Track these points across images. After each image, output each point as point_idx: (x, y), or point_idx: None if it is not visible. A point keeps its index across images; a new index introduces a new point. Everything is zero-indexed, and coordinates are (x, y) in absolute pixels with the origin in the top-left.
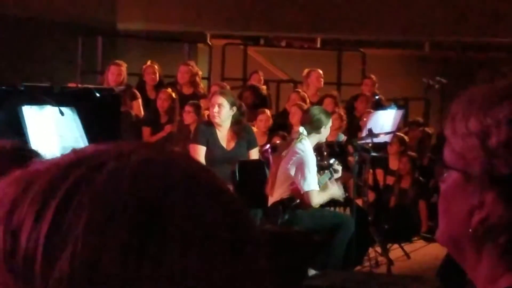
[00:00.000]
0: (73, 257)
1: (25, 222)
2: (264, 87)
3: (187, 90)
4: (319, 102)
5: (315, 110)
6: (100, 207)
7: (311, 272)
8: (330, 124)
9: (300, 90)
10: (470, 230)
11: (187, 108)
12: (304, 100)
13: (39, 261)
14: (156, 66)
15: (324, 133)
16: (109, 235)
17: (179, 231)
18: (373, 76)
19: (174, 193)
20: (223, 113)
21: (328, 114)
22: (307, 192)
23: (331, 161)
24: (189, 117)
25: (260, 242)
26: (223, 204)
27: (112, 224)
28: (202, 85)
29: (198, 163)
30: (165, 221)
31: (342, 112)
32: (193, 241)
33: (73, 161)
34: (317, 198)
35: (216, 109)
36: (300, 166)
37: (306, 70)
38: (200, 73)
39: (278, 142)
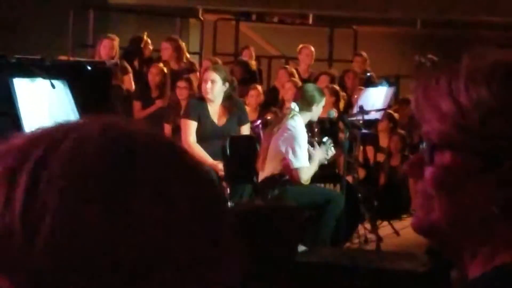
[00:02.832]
0: (52, 230)
1: None
2: (254, 62)
3: (174, 65)
4: (315, 79)
5: (310, 87)
6: (70, 177)
7: (300, 248)
8: (323, 103)
9: (287, 66)
10: (495, 208)
11: (181, 83)
12: (292, 76)
13: (19, 236)
14: (149, 40)
15: (316, 111)
16: (84, 203)
17: (150, 193)
18: (364, 53)
19: (139, 154)
20: (215, 89)
21: (322, 93)
22: (297, 169)
23: (324, 139)
24: (182, 92)
25: (225, 210)
26: (184, 160)
27: (86, 190)
28: (195, 60)
29: (153, 128)
30: (135, 183)
31: (337, 87)
32: (163, 199)
33: (30, 141)
34: (307, 174)
35: (209, 85)
36: (291, 143)
37: (300, 46)
38: (183, 45)
39: (269, 118)
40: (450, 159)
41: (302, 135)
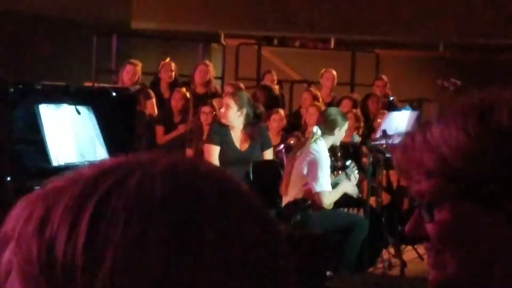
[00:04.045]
0: (114, 265)
1: (58, 234)
2: (276, 87)
3: (200, 90)
4: (337, 103)
5: (332, 110)
6: (135, 213)
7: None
8: (346, 127)
9: (312, 89)
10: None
11: (205, 109)
12: (317, 99)
13: (79, 272)
14: (173, 64)
15: (339, 136)
16: (147, 240)
17: (215, 234)
18: (384, 77)
19: (205, 196)
20: (229, 115)
21: (345, 117)
22: (318, 193)
23: (347, 163)
24: (207, 118)
25: (286, 244)
26: (250, 206)
27: (150, 230)
28: (216, 84)
29: (219, 167)
30: (200, 224)
31: (359, 113)
32: (228, 241)
33: (98, 173)
34: (329, 199)
35: (223, 110)
36: (313, 167)
37: (322, 70)
38: (213, 73)
39: (292, 142)
40: (450, 211)
41: (324, 159)
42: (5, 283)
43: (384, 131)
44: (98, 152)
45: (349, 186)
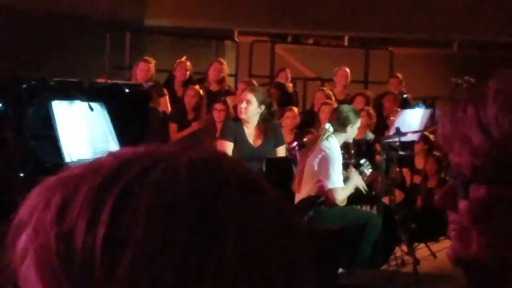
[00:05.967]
0: (134, 259)
1: (77, 225)
2: (290, 84)
3: (214, 87)
4: (350, 100)
5: (345, 107)
6: (157, 207)
7: (339, 270)
8: (358, 124)
9: (325, 88)
10: None
11: (218, 106)
12: (329, 98)
13: (98, 265)
14: (188, 63)
15: (351, 133)
16: (169, 235)
17: (236, 231)
18: (399, 75)
19: (228, 191)
20: (250, 110)
21: (358, 114)
22: (331, 190)
23: (362, 161)
24: (220, 115)
25: (306, 239)
26: (271, 202)
27: (172, 225)
28: (229, 82)
29: (241, 162)
30: (223, 220)
31: (371, 110)
32: (249, 237)
33: (119, 164)
34: (342, 195)
35: (243, 105)
36: (325, 164)
37: (335, 68)
38: (227, 71)
39: (305, 139)
40: (486, 193)
41: (336, 156)
42: (19, 268)
43: (398, 129)
44: (111, 148)
45: (359, 179)
